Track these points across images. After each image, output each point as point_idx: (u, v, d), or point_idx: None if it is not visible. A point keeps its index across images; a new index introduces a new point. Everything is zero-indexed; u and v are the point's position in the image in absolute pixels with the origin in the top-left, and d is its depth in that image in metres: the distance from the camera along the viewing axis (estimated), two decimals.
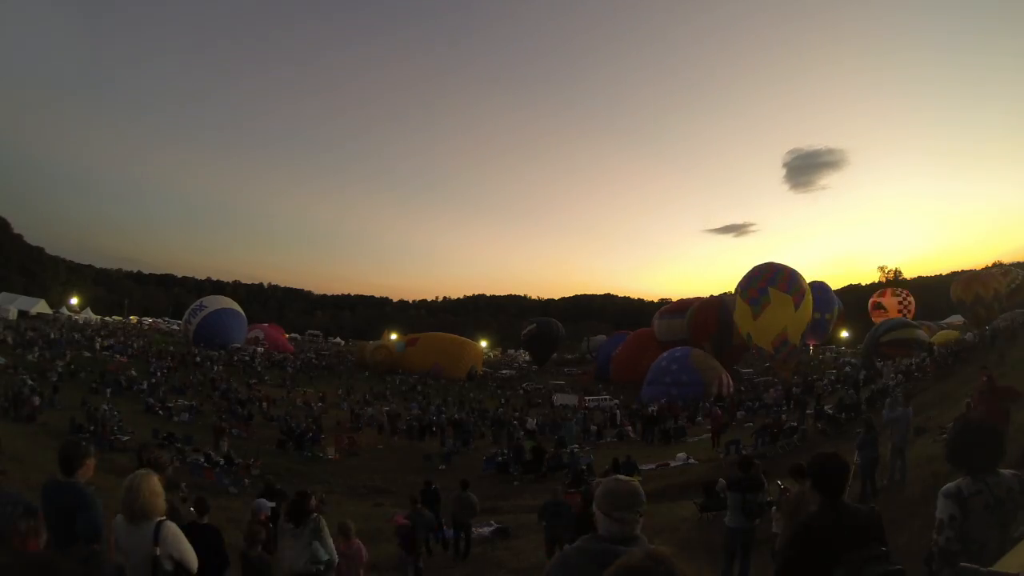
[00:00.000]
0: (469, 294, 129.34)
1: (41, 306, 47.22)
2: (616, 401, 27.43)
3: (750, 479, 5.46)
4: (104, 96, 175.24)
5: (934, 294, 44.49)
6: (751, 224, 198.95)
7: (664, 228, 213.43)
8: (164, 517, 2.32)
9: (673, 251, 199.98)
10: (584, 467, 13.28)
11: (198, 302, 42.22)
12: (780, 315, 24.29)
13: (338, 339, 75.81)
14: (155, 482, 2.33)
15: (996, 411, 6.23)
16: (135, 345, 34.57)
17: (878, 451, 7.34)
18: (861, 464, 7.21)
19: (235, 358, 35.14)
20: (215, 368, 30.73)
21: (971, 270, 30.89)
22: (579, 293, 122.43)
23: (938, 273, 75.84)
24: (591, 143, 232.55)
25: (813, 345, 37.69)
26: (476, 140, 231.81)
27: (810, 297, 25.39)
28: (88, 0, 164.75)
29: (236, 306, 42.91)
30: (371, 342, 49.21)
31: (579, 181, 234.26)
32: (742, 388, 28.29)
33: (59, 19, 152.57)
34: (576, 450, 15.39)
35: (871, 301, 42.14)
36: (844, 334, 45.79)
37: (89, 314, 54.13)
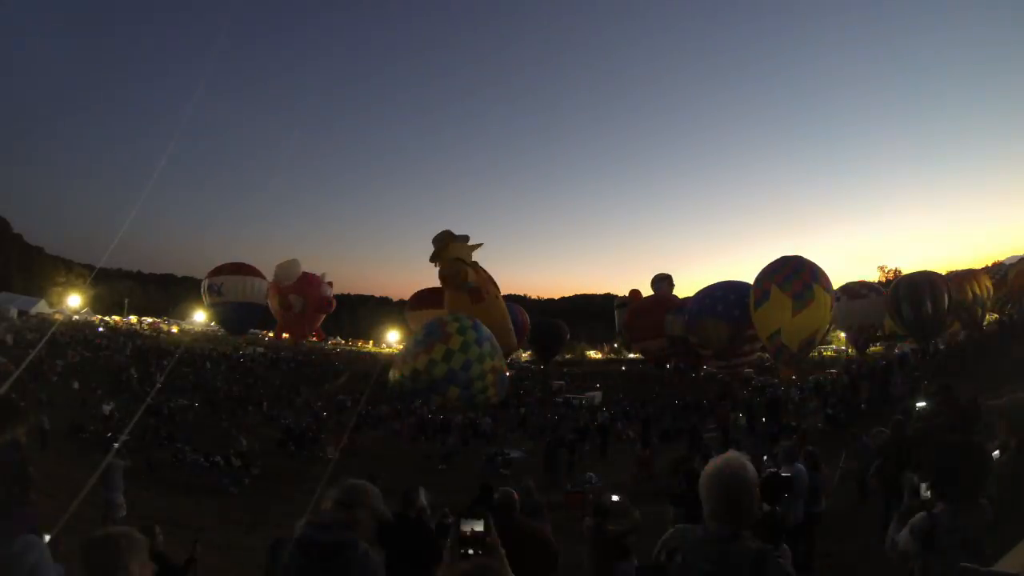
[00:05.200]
0: None
1: (41, 306, 47.22)
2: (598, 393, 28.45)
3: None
4: (104, 96, 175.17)
5: None
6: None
7: (665, 229, 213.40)
8: None
9: (675, 252, 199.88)
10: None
11: (217, 283, 35.98)
12: (819, 315, 23.68)
13: (338, 339, 75.85)
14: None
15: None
16: (135, 345, 34.60)
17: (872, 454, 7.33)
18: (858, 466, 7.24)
19: (238, 355, 35.21)
20: (207, 365, 30.83)
21: (965, 270, 30.78)
22: (579, 293, 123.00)
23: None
24: (592, 144, 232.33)
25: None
26: (475, 140, 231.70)
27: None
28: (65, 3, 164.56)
29: (257, 295, 37.38)
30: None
31: (579, 180, 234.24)
32: (749, 388, 28.51)
33: (52, 21, 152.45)
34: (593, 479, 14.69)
35: None
36: (842, 334, 45.72)
37: (89, 314, 54.10)
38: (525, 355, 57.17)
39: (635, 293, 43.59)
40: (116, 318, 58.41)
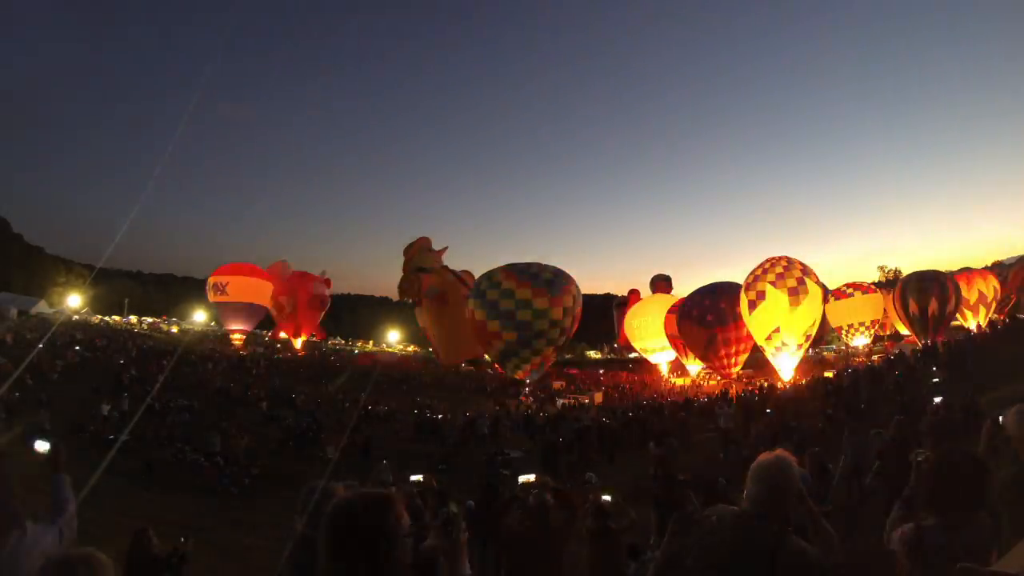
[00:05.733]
0: None
1: (41, 306, 47.27)
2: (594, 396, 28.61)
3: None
4: (103, 96, 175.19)
5: None
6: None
7: (665, 229, 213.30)
8: None
9: (675, 251, 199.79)
10: None
11: (222, 283, 36.70)
12: (815, 306, 24.13)
13: (338, 338, 75.95)
14: None
15: None
16: (135, 345, 34.62)
17: (863, 454, 7.34)
18: (845, 465, 7.24)
19: (239, 355, 35.23)
20: (209, 366, 30.84)
21: (972, 268, 30.93)
22: None
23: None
24: (593, 145, 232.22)
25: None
26: (476, 141, 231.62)
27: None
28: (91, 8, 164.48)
29: (261, 296, 38.23)
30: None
31: (580, 180, 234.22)
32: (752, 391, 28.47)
33: (53, 21, 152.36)
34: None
35: None
36: (841, 335, 45.68)
37: (89, 314, 54.13)
38: None
39: (634, 293, 43.55)
40: (116, 318, 58.44)
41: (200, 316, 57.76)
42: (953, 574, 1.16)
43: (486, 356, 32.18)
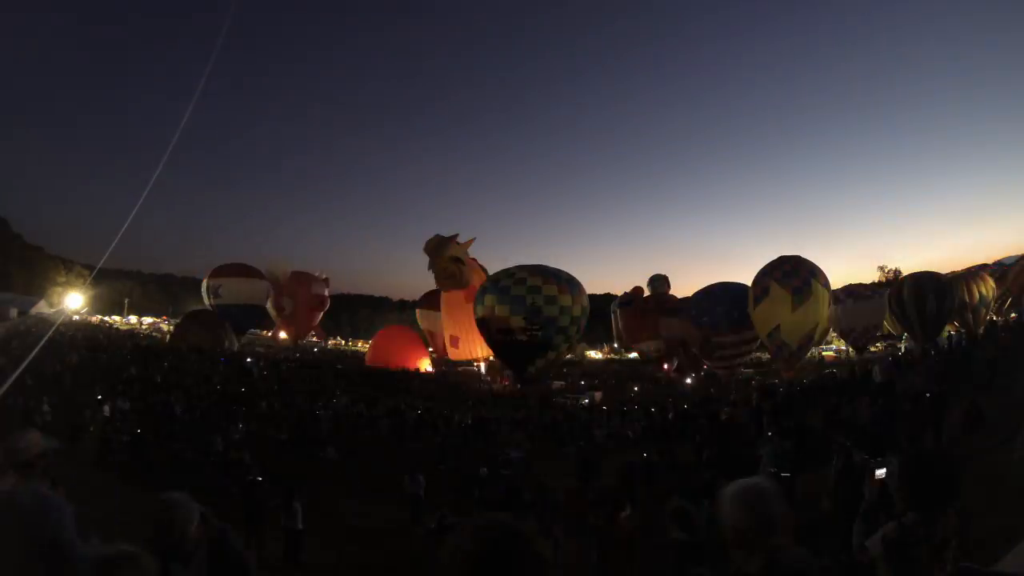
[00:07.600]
0: None
1: (41, 306, 47.28)
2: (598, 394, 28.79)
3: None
4: (103, 95, 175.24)
5: None
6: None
7: (665, 228, 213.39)
8: None
9: (675, 251, 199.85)
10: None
11: (216, 285, 37.57)
12: (818, 309, 24.09)
13: (338, 338, 76.03)
14: None
15: None
16: (135, 345, 34.61)
17: (852, 460, 7.30)
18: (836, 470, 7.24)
19: (237, 355, 35.21)
20: (208, 364, 30.83)
21: (970, 269, 30.87)
22: None
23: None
24: (592, 144, 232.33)
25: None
26: (474, 141, 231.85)
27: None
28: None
29: (257, 296, 38.94)
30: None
31: (579, 180, 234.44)
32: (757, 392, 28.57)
33: (53, 20, 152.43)
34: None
35: None
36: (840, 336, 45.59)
37: (89, 314, 54.14)
38: None
39: (638, 290, 42.95)
40: (116, 318, 58.48)
41: None
42: (954, 574, 1.18)
43: (491, 357, 32.20)
